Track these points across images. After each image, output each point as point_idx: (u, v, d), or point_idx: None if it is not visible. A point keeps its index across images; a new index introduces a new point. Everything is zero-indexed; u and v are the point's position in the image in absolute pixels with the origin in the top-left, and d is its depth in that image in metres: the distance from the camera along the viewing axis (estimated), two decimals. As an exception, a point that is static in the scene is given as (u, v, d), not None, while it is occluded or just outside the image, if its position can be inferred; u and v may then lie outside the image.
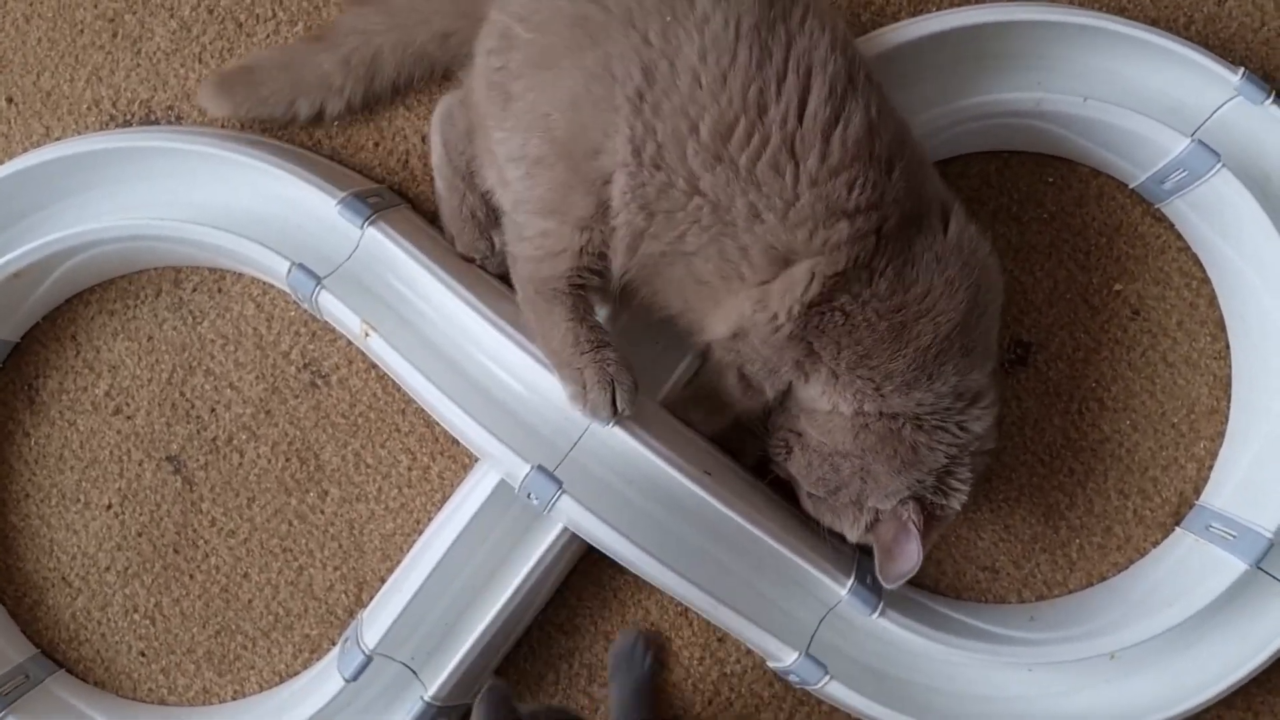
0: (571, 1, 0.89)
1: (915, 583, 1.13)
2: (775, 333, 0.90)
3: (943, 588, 1.13)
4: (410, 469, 1.14)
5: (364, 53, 1.06)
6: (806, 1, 0.89)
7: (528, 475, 0.97)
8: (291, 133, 1.14)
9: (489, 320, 1.01)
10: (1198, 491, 1.12)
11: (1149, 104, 1.06)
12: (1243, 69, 1.03)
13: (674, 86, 0.86)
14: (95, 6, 1.13)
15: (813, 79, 0.86)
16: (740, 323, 0.92)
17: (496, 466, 1.01)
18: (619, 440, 0.98)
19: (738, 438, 1.07)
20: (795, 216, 0.86)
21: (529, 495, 0.98)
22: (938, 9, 1.10)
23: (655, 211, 0.89)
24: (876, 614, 1.04)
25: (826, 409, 0.96)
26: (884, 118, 0.89)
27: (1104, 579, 1.13)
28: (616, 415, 0.96)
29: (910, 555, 0.96)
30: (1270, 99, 1.03)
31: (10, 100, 1.14)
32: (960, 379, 0.93)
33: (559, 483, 0.97)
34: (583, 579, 1.13)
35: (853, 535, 1.01)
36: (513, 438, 0.99)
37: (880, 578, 0.99)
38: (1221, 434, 1.12)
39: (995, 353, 0.98)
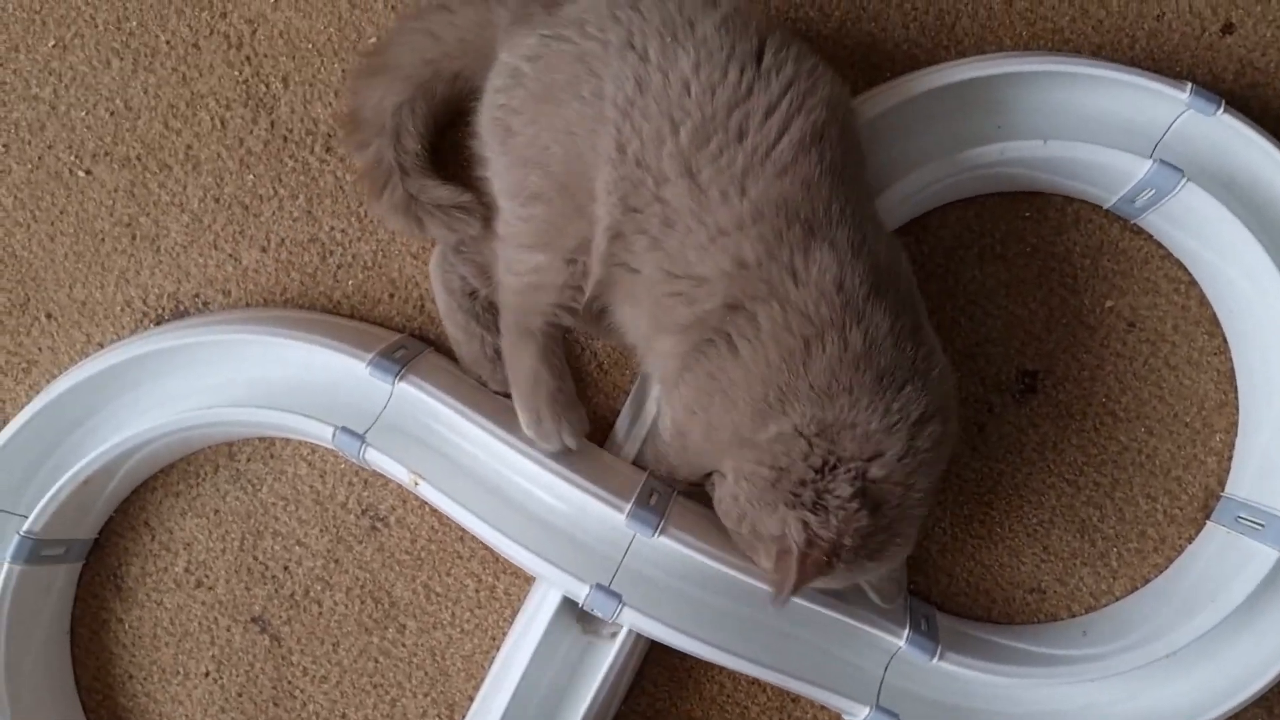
0: (577, 40, 0.96)
1: (968, 615, 1.19)
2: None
3: (995, 615, 1.19)
4: (478, 591, 1.21)
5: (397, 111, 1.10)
6: (817, 60, 0.97)
7: (589, 594, 1.04)
8: (312, 298, 1.21)
9: (523, 451, 1.07)
10: (1222, 483, 1.17)
11: (1108, 132, 1.11)
12: (1190, 84, 1.08)
13: (664, 93, 0.93)
14: (111, 215, 1.21)
15: (793, 121, 0.92)
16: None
17: (558, 587, 1.07)
18: (664, 545, 1.05)
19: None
20: (709, 260, 0.93)
21: (593, 610, 1.05)
22: (891, 76, 1.16)
23: (629, 207, 0.95)
24: (936, 659, 1.09)
25: None
26: (832, 180, 0.94)
27: (1147, 581, 1.18)
28: (563, 446, 1.07)
29: (787, 575, 0.94)
30: (1221, 109, 1.07)
31: (49, 315, 1.22)
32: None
33: (619, 596, 1.04)
34: (656, 666, 1.19)
35: (766, 566, 1.01)
36: (568, 560, 1.05)
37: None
38: (1234, 425, 1.17)
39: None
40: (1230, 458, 1.17)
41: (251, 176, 1.20)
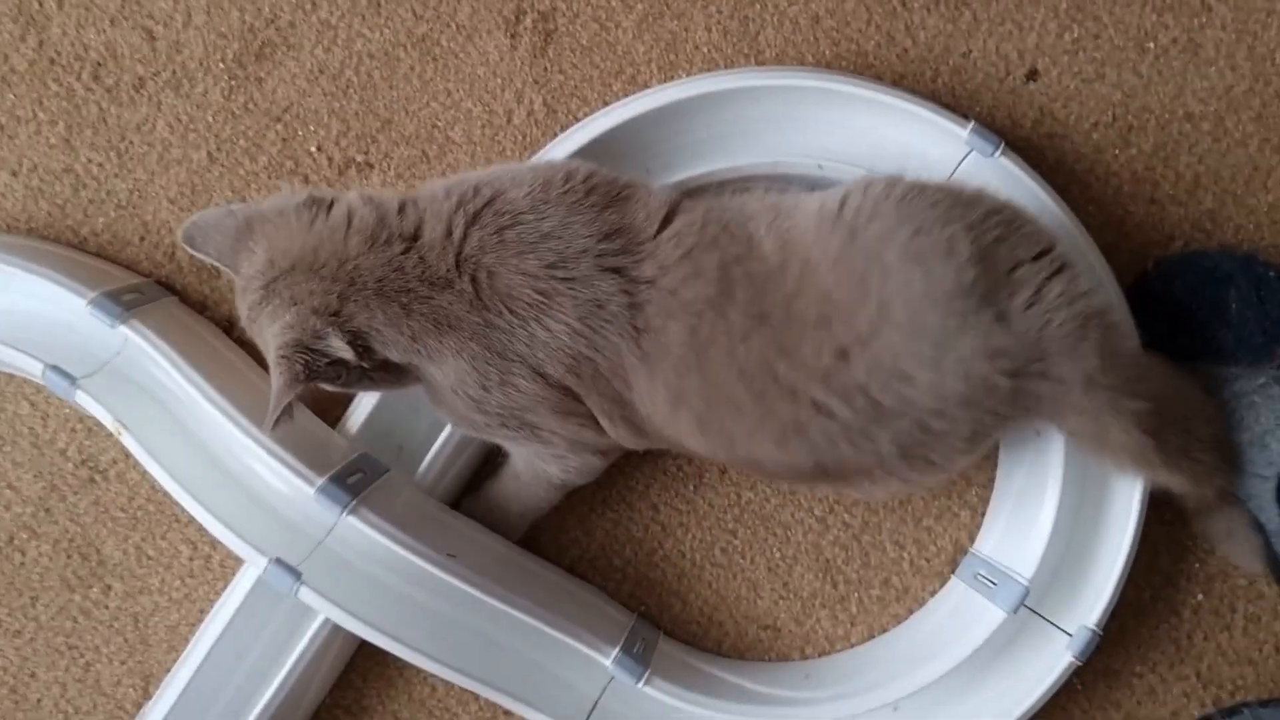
0: None
1: (698, 645, 1.14)
2: None
3: (725, 649, 1.14)
4: (192, 559, 1.14)
5: None
6: None
7: (266, 568, 0.98)
8: (59, 230, 1.15)
9: (237, 422, 1.01)
10: (972, 539, 1.13)
11: (893, 163, 1.07)
12: (972, 122, 1.04)
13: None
14: None
15: None
16: None
17: (239, 554, 1.01)
18: (360, 529, 0.99)
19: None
20: None
21: (271, 584, 0.98)
22: (687, 73, 1.12)
23: None
24: (643, 683, 1.04)
25: None
26: None
27: (885, 631, 1.13)
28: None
29: None
30: (999, 151, 1.04)
31: None
32: None
33: (297, 574, 0.97)
34: (368, 661, 1.13)
35: None
36: (257, 531, 0.99)
37: None
38: (993, 480, 1.13)
39: None
40: (984, 514, 1.13)
41: (11, 96, 1.14)
